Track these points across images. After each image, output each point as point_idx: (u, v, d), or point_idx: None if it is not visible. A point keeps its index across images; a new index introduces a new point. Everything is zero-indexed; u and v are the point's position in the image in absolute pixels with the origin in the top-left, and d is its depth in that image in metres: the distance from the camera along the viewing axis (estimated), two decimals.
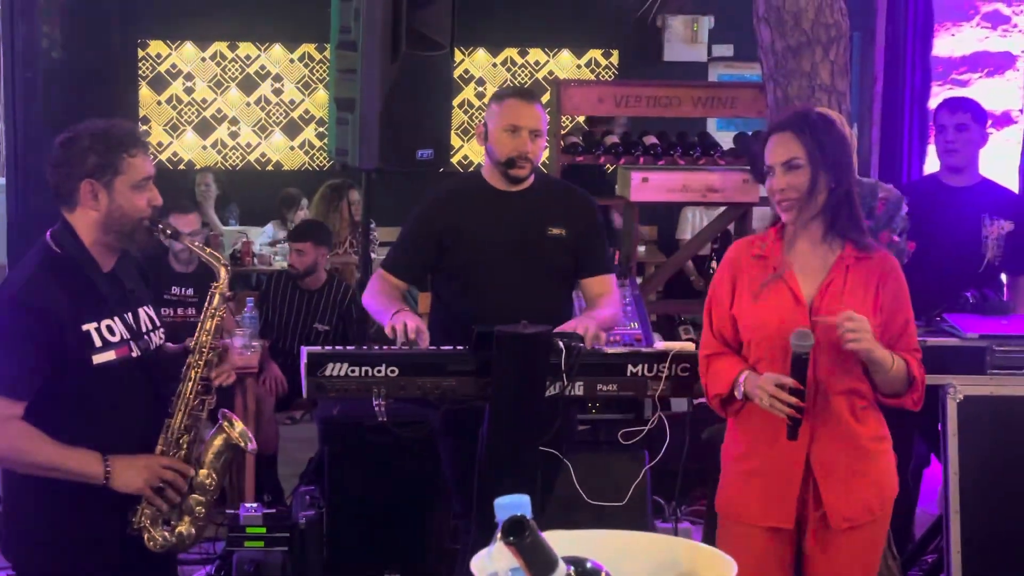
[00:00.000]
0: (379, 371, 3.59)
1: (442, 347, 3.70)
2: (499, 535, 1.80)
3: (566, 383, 3.62)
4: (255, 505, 4.59)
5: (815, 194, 3.23)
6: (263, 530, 4.48)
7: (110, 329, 3.15)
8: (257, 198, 9.32)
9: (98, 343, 3.12)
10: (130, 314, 3.22)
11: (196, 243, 3.51)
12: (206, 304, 3.28)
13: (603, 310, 3.99)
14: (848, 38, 4.27)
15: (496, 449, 3.57)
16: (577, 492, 3.84)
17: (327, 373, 3.59)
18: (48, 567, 3.19)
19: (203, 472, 3.24)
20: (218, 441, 3.28)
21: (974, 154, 5.03)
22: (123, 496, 3.14)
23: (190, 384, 3.23)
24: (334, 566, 4.63)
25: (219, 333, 3.28)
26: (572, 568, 1.81)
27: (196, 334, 3.27)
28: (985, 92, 5.86)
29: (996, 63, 5.98)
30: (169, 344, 3.39)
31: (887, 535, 3.45)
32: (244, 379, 5.64)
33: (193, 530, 3.23)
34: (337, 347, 3.74)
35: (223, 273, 3.29)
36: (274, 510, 4.62)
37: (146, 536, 3.18)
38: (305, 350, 3.64)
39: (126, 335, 3.18)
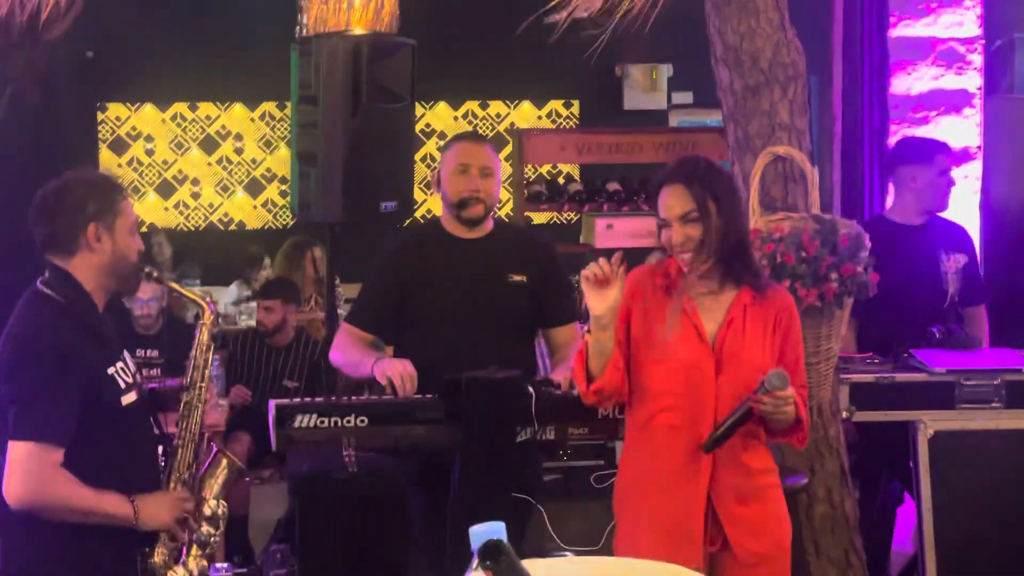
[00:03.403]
0: (348, 421, 3.56)
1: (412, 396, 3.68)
2: (475, 563, 1.78)
3: (536, 427, 3.60)
4: (225, 565, 4.51)
5: (708, 243, 3.23)
6: None
7: (124, 371, 3.26)
8: (220, 258, 9.26)
9: (122, 385, 3.23)
10: (123, 355, 3.32)
11: (180, 286, 3.62)
12: (195, 342, 3.39)
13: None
14: (805, 77, 4.31)
15: (468, 496, 3.53)
16: (551, 537, 3.81)
17: (296, 425, 3.57)
18: None
19: (212, 503, 3.37)
20: (221, 469, 3.41)
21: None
22: (131, 538, 3.19)
23: (192, 421, 3.35)
24: None
25: (209, 368, 3.39)
26: None
27: (190, 373, 3.38)
28: (943, 130, 5.91)
29: (952, 101, 6.05)
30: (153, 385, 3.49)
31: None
32: (210, 439, 5.57)
33: (205, 562, 3.35)
34: (305, 399, 3.71)
35: (207, 310, 3.39)
36: (244, 570, 4.56)
37: (167, 574, 3.25)
38: (273, 403, 3.62)
39: (132, 376, 3.29)
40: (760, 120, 4.24)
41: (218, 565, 4.53)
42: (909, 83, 6.05)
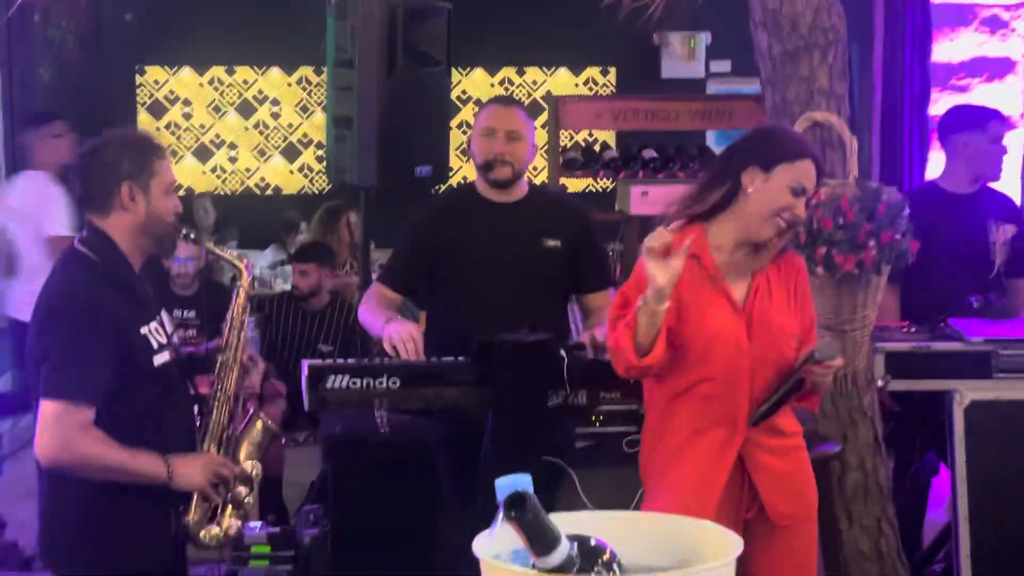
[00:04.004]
0: (380, 383, 3.57)
1: (444, 358, 3.68)
2: (501, 515, 1.78)
3: (568, 391, 3.59)
4: (259, 524, 4.55)
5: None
6: (267, 549, 4.44)
7: (158, 331, 3.27)
8: (257, 222, 9.30)
9: (155, 345, 3.23)
10: (160, 316, 3.33)
11: (218, 247, 3.60)
12: (233, 302, 3.40)
13: (605, 326, 3.96)
14: (846, 42, 4.26)
15: (498, 458, 3.54)
16: (582, 502, 3.81)
17: (328, 386, 3.58)
18: (94, 569, 3.23)
19: (247, 463, 3.38)
20: (256, 431, 3.43)
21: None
22: (167, 496, 3.22)
23: (227, 382, 3.36)
24: None
25: (245, 329, 3.40)
26: (575, 545, 1.79)
27: (226, 333, 3.39)
28: (985, 97, 5.85)
29: (995, 68, 5.98)
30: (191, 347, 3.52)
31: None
32: (246, 400, 5.61)
33: (239, 521, 3.35)
34: (338, 360, 3.72)
35: (245, 272, 3.40)
36: (278, 529, 4.58)
37: (201, 532, 3.29)
38: (306, 363, 3.63)
39: (167, 337, 3.30)
40: (798, 85, 4.20)
41: (252, 524, 4.58)
42: (951, 50, 5.98)
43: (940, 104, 5.84)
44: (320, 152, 9.64)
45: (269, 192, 9.84)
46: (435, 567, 4.66)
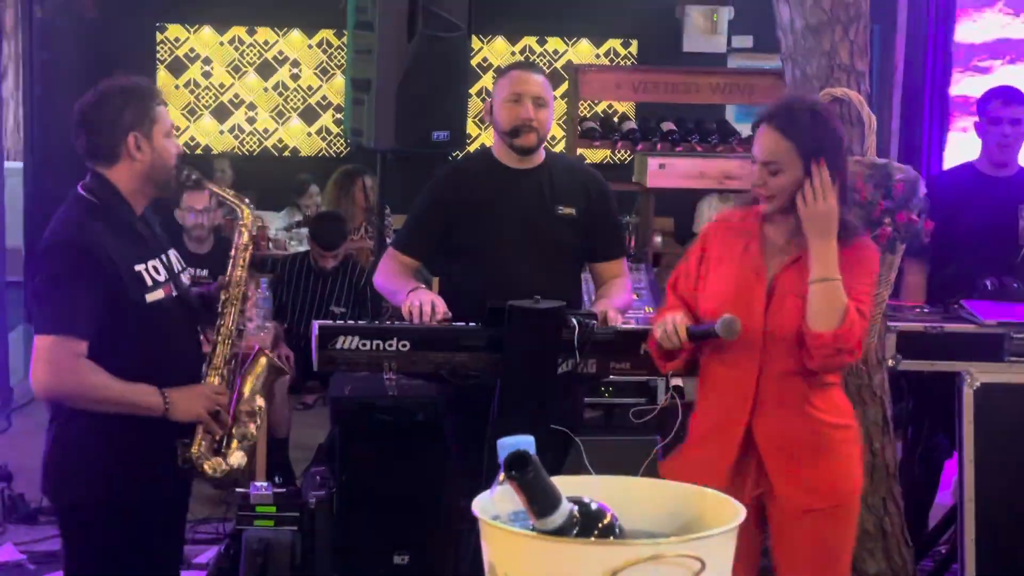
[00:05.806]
0: (390, 345, 3.57)
1: (454, 322, 3.68)
2: (501, 476, 1.77)
3: (578, 359, 3.59)
4: (265, 484, 4.56)
5: (787, 195, 3.17)
6: (273, 509, 4.46)
7: (155, 269, 3.32)
8: (273, 184, 9.29)
9: (149, 282, 3.28)
10: (164, 255, 3.38)
11: (219, 187, 3.65)
12: (235, 241, 3.47)
13: (617, 297, 3.95)
14: (868, 18, 4.23)
15: (506, 425, 3.53)
16: (588, 471, 3.81)
17: (338, 346, 3.57)
18: (97, 497, 3.29)
19: (251, 399, 3.43)
20: (260, 367, 3.48)
21: (1020, 145, 4.98)
22: (171, 430, 3.28)
23: (229, 317, 3.41)
24: (344, 546, 4.61)
25: (250, 267, 3.45)
26: (576, 507, 1.78)
27: (229, 270, 3.44)
28: (1007, 79, 5.80)
29: (1018, 50, 5.93)
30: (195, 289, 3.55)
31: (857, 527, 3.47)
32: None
33: (245, 457, 3.39)
34: (349, 321, 3.72)
35: (246, 211, 3.47)
36: (284, 490, 4.59)
37: (206, 465, 3.33)
38: (316, 323, 3.63)
39: (166, 275, 3.35)
40: (819, 60, 4.17)
41: (259, 483, 4.59)
42: (974, 31, 5.94)
43: (961, 85, 5.81)
44: (339, 115, 9.61)
45: (287, 154, 9.83)
46: (440, 531, 4.68)
